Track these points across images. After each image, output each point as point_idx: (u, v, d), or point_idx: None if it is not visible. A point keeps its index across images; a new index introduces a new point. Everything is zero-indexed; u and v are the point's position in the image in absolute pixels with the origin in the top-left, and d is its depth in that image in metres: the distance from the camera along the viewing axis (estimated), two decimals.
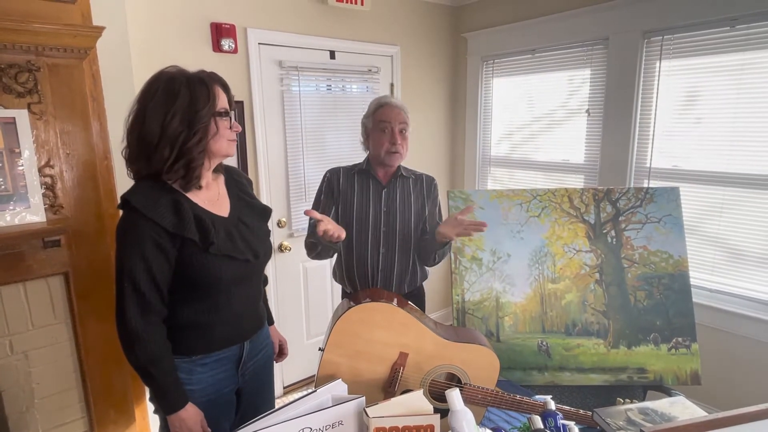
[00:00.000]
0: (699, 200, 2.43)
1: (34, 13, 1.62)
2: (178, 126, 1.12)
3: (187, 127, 1.13)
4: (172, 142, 1.13)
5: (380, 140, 1.78)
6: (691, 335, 1.64)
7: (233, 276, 1.25)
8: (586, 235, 1.72)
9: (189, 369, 1.25)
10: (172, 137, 1.13)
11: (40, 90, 1.67)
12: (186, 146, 1.14)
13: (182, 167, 1.15)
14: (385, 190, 1.82)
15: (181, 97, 1.13)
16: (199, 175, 1.20)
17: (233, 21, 2.43)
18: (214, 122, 1.18)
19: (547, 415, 1.09)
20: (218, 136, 1.19)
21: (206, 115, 1.15)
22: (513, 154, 3.33)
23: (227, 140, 1.22)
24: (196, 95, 1.14)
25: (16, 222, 1.62)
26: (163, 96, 1.13)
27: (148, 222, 1.12)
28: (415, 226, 1.83)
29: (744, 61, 2.22)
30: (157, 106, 1.13)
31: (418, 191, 1.86)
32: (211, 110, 1.16)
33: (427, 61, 3.38)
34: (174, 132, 1.12)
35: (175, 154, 1.13)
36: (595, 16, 2.68)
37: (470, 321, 1.68)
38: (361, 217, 1.81)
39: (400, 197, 1.83)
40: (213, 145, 1.19)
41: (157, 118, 1.12)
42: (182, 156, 1.14)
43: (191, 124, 1.13)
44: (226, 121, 1.21)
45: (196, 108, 1.14)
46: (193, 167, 1.17)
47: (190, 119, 1.13)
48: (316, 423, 0.94)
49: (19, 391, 1.75)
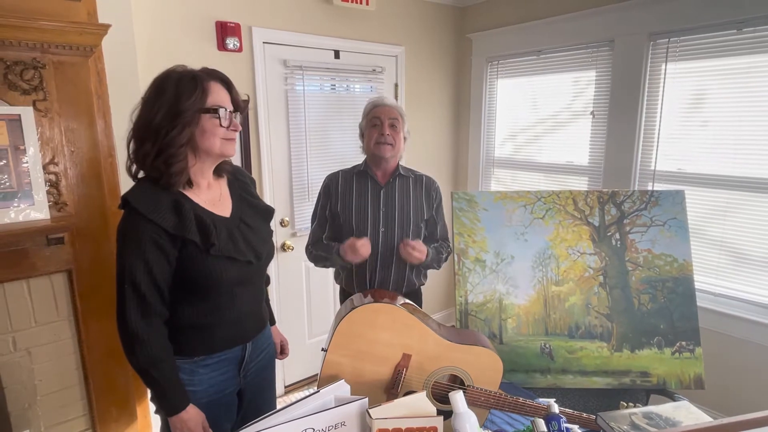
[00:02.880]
0: (704, 203, 2.42)
1: (41, 11, 1.62)
2: (161, 121, 1.12)
3: (169, 122, 1.12)
4: (154, 137, 1.12)
5: (371, 135, 1.81)
6: (694, 339, 1.63)
7: (235, 277, 1.24)
8: (590, 237, 1.71)
9: (191, 370, 1.25)
10: (154, 131, 1.12)
11: (45, 87, 1.67)
12: (165, 140, 1.12)
13: (162, 162, 1.13)
14: (383, 190, 1.83)
15: (167, 92, 1.12)
16: (179, 171, 1.15)
17: (238, 20, 2.43)
18: (203, 118, 1.14)
19: (551, 418, 1.08)
20: (208, 133, 1.16)
21: (189, 109, 1.12)
22: (517, 155, 3.32)
23: (220, 138, 1.18)
24: (181, 90, 1.12)
25: (20, 219, 1.62)
26: (153, 92, 1.14)
27: (148, 223, 1.11)
28: (414, 227, 1.83)
29: (750, 65, 2.21)
30: (147, 102, 1.14)
31: (417, 192, 1.86)
32: (196, 105, 1.13)
33: (431, 61, 3.38)
34: (157, 126, 1.12)
35: (156, 149, 1.12)
36: (601, 18, 2.67)
37: (473, 323, 1.67)
38: (359, 218, 1.81)
39: (399, 197, 1.83)
40: (202, 143, 1.16)
41: (145, 113, 1.13)
42: (162, 151, 1.12)
43: (173, 118, 1.12)
44: (217, 119, 1.16)
45: (179, 102, 1.12)
46: (173, 163, 1.13)
47: (173, 114, 1.12)
48: (319, 424, 0.94)
49: (22, 388, 1.75)
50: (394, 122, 1.80)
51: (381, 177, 1.85)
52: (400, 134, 1.82)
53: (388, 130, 1.78)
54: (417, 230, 1.84)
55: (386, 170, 1.85)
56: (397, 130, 1.81)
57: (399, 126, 1.81)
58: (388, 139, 1.78)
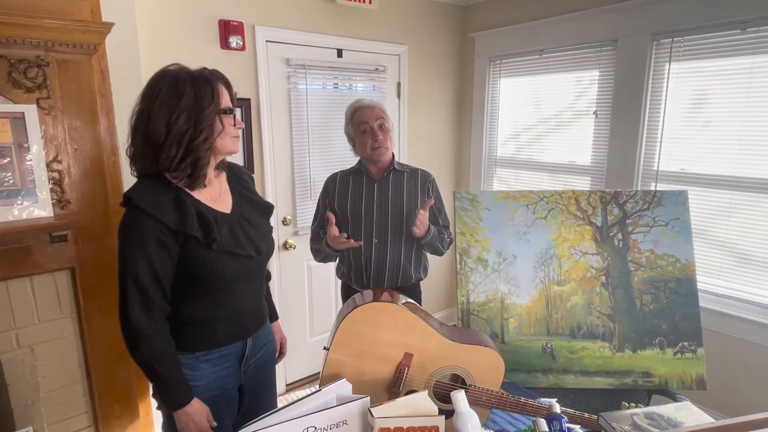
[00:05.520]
0: (707, 204, 2.41)
1: (45, 9, 1.63)
2: (184, 124, 1.13)
3: (193, 126, 1.14)
4: (178, 140, 1.14)
5: (364, 141, 1.83)
6: (697, 340, 1.63)
7: (236, 272, 1.25)
8: (592, 237, 1.71)
9: (192, 365, 1.26)
10: (179, 136, 1.13)
11: (49, 85, 1.67)
12: (193, 144, 1.15)
13: (189, 165, 1.16)
14: (377, 183, 1.87)
15: (186, 96, 1.14)
16: (205, 173, 1.21)
17: (241, 18, 2.43)
18: (219, 120, 1.19)
19: (553, 418, 1.08)
20: (223, 133, 1.21)
21: (212, 113, 1.17)
22: (519, 155, 3.32)
23: (231, 137, 1.24)
24: (201, 94, 1.15)
25: (23, 216, 1.63)
26: (168, 95, 1.14)
27: (150, 219, 1.12)
28: (407, 219, 1.85)
29: (754, 65, 2.20)
30: (163, 106, 1.13)
31: (412, 185, 1.89)
32: (216, 108, 1.18)
33: (434, 60, 3.37)
34: (180, 131, 1.13)
35: (182, 153, 1.14)
36: (604, 18, 2.66)
37: (475, 322, 1.67)
38: (354, 210, 1.86)
39: (393, 190, 1.87)
40: (218, 143, 1.21)
41: (163, 117, 1.13)
42: (189, 154, 1.15)
43: (197, 122, 1.15)
44: (230, 119, 1.22)
45: (202, 106, 1.15)
46: (200, 165, 1.18)
47: (195, 118, 1.15)
48: (320, 422, 0.94)
49: (25, 385, 1.76)
50: (381, 122, 1.83)
51: (375, 172, 1.89)
52: (389, 132, 1.85)
53: (380, 134, 1.81)
54: (411, 221, 1.86)
55: (381, 166, 1.89)
56: (386, 129, 1.84)
57: (387, 124, 1.85)
58: (384, 143, 1.81)
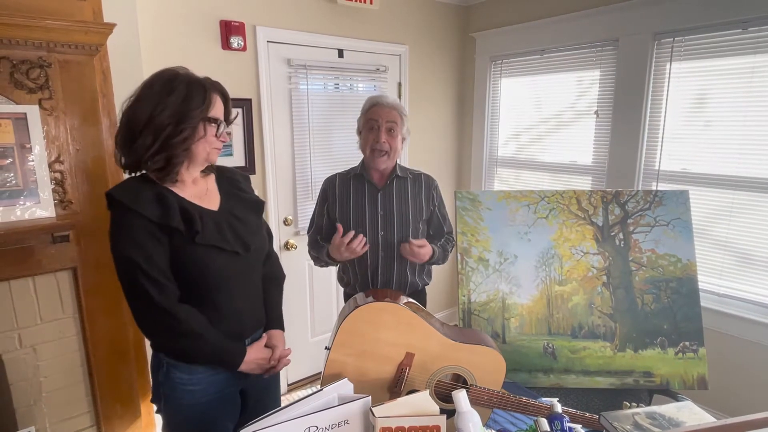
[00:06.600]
0: (708, 204, 2.41)
1: (47, 10, 1.63)
2: (166, 119, 1.14)
3: (174, 124, 1.15)
4: (156, 132, 1.14)
5: (367, 139, 1.75)
6: (698, 339, 1.63)
7: (223, 268, 1.24)
8: (593, 237, 1.71)
9: (189, 369, 1.25)
10: (158, 128, 1.14)
11: (51, 86, 1.68)
12: (170, 141, 1.15)
13: (162, 159, 1.16)
14: (380, 192, 1.79)
15: (176, 94, 1.15)
16: (178, 171, 1.20)
17: (242, 19, 2.43)
18: (203, 126, 1.19)
19: (554, 417, 1.08)
20: (204, 140, 1.21)
21: (197, 117, 1.17)
22: (520, 154, 3.32)
23: (212, 147, 1.24)
24: (192, 95, 1.16)
25: (26, 217, 1.63)
26: (160, 88, 1.16)
27: (134, 213, 1.13)
28: (413, 228, 1.80)
29: (755, 64, 2.20)
30: (152, 96, 1.15)
31: (416, 191, 1.82)
32: (203, 114, 1.18)
33: (435, 60, 3.37)
34: (161, 124, 1.14)
35: (157, 146, 1.15)
36: (605, 17, 2.66)
37: (476, 322, 1.67)
38: (358, 222, 1.77)
39: (397, 199, 1.79)
40: (196, 148, 1.20)
41: (148, 106, 1.14)
42: (164, 149, 1.16)
43: (180, 121, 1.15)
44: (214, 129, 1.22)
45: (189, 107, 1.15)
46: (174, 163, 1.18)
47: (180, 117, 1.15)
48: (322, 422, 0.94)
49: (27, 385, 1.77)
50: (392, 126, 1.72)
51: (378, 179, 1.81)
52: (398, 138, 1.74)
53: (385, 137, 1.71)
54: (417, 231, 1.81)
55: (383, 173, 1.81)
56: (394, 135, 1.73)
57: (397, 129, 1.73)
58: (384, 146, 1.71)
